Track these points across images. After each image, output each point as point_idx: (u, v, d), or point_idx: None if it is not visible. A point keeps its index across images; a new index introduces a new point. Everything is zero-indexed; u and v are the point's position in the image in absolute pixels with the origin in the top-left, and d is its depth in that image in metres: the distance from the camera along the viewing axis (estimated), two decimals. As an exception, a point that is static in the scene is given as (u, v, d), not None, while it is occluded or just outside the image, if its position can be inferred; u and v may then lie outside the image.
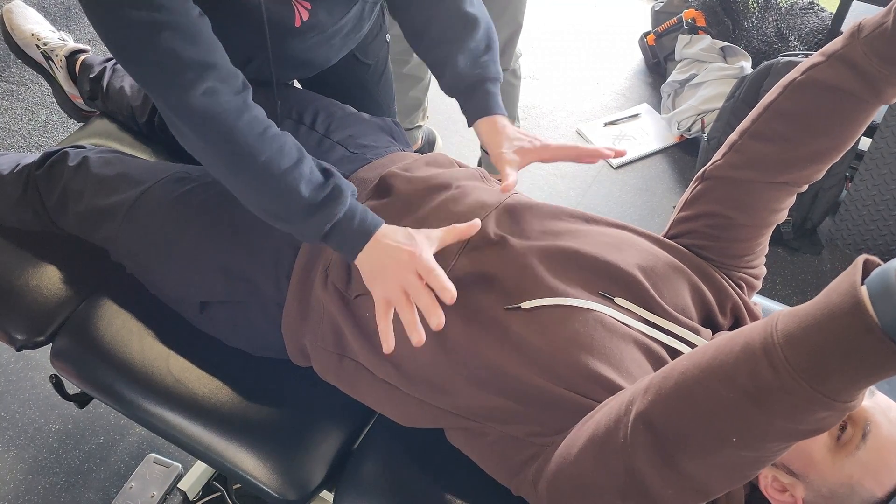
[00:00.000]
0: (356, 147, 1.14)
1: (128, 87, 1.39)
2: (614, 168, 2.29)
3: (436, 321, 0.84)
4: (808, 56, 0.92)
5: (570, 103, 2.50)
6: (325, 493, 1.10)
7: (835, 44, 0.86)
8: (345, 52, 1.21)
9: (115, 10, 0.77)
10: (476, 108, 1.05)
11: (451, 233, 0.91)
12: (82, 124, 1.46)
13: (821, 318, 0.54)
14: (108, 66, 1.46)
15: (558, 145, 1.01)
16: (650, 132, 2.40)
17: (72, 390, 1.24)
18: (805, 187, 0.95)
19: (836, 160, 0.92)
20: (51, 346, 1.18)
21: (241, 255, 1.03)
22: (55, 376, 1.22)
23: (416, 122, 2.06)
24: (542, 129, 2.41)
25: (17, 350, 1.18)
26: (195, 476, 1.54)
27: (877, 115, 1.93)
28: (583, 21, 2.85)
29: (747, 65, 2.27)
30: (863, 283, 0.52)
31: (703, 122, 2.24)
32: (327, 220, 0.90)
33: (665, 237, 1.02)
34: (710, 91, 2.24)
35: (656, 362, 0.86)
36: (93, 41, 2.46)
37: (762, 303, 1.20)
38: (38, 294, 1.19)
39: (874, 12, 0.83)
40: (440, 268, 0.86)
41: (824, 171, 0.94)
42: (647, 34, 2.60)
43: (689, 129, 2.28)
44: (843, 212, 2.02)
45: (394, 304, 0.86)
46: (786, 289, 2.00)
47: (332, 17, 1.06)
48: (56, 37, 1.58)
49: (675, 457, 0.66)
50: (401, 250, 0.88)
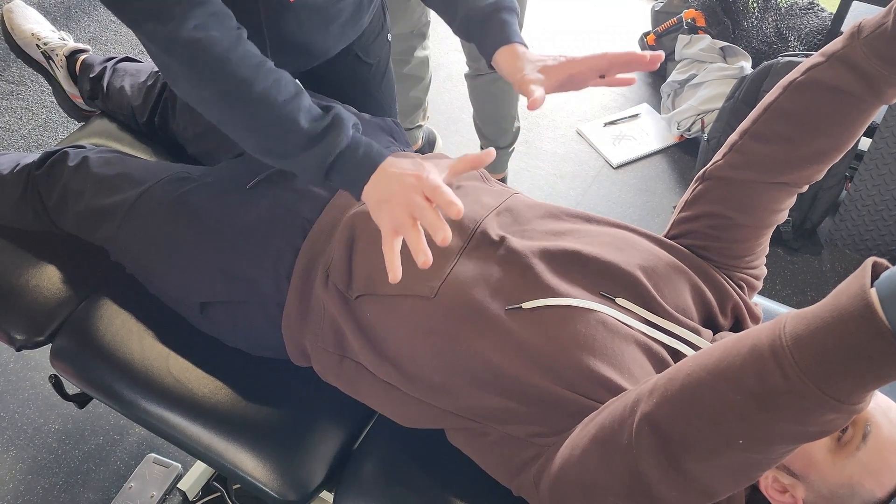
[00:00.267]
0: (356, 147, 1.13)
1: (128, 87, 1.39)
2: (614, 168, 2.29)
3: (441, 235, 0.77)
4: (807, 56, 0.92)
5: (569, 103, 2.50)
6: (326, 494, 1.10)
7: (835, 44, 0.86)
8: (344, 42, 1.19)
9: None
10: (494, 40, 0.98)
11: (462, 161, 0.86)
12: (82, 124, 1.46)
13: (830, 320, 0.54)
14: (108, 65, 1.46)
15: (585, 56, 0.92)
16: (650, 132, 2.40)
17: (71, 390, 1.24)
18: (805, 188, 0.95)
19: (836, 160, 0.92)
20: (50, 346, 1.18)
21: (241, 256, 1.03)
22: (55, 376, 1.22)
23: (417, 122, 2.06)
24: (542, 128, 2.41)
25: (17, 350, 1.18)
26: (195, 476, 1.54)
27: (877, 116, 1.93)
28: (583, 21, 2.85)
29: (747, 65, 2.27)
30: (872, 286, 0.52)
31: (702, 122, 2.24)
32: (329, 153, 0.86)
33: (665, 237, 1.02)
34: (710, 91, 2.24)
35: (658, 363, 0.86)
36: (93, 41, 2.46)
37: (762, 303, 1.20)
38: (38, 294, 1.19)
39: (874, 13, 0.83)
40: (446, 185, 0.80)
41: (824, 172, 0.94)
42: (647, 34, 2.60)
43: (688, 130, 2.28)
44: (842, 212, 2.02)
45: (402, 232, 0.80)
46: (786, 289, 2.00)
47: None
48: (56, 36, 1.59)
49: (680, 459, 0.66)
50: (406, 174, 0.82)
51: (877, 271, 0.54)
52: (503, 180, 2.12)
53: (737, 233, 0.97)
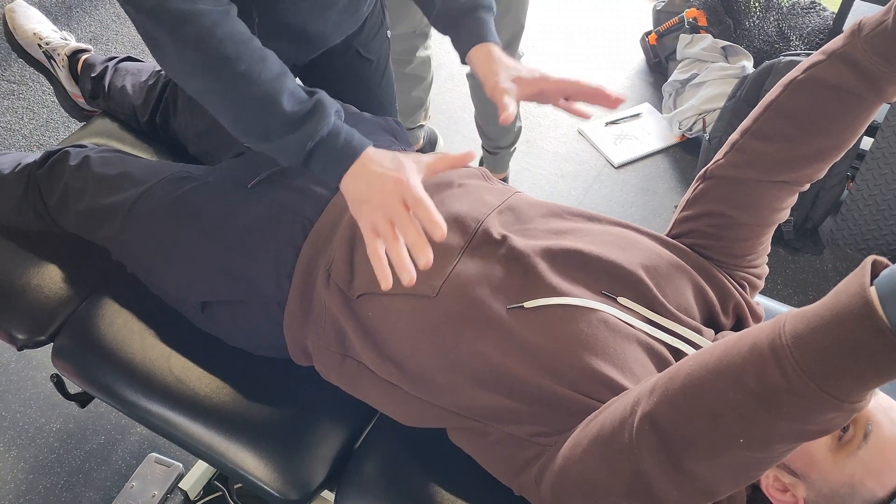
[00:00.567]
0: (358, 146, 1.13)
1: (129, 87, 1.39)
2: (616, 168, 2.29)
3: (423, 260, 0.77)
4: (809, 55, 0.92)
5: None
6: (327, 493, 1.10)
7: (835, 42, 0.85)
8: (343, 31, 1.19)
9: None
10: (469, 37, 0.99)
11: (442, 160, 0.87)
12: (83, 123, 1.46)
13: (830, 318, 0.54)
14: (109, 65, 1.46)
15: (558, 77, 0.97)
16: (651, 132, 2.40)
17: (73, 390, 1.24)
18: (807, 186, 0.95)
19: (837, 159, 0.92)
20: (52, 345, 1.18)
21: (242, 255, 1.03)
22: (56, 376, 1.22)
23: (418, 122, 2.06)
24: (543, 128, 2.41)
25: (19, 349, 1.18)
26: (196, 475, 1.54)
27: (878, 115, 1.93)
28: (584, 20, 2.85)
29: (749, 64, 2.26)
30: (872, 284, 0.52)
31: (704, 121, 2.24)
32: (309, 138, 0.85)
33: (667, 237, 1.02)
34: (712, 91, 2.24)
35: (659, 362, 0.86)
36: (94, 40, 2.47)
37: (764, 302, 1.20)
38: (40, 293, 1.19)
39: (876, 11, 0.83)
40: (429, 198, 0.80)
41: (826, 170, 0.94)
42: (648, 33, 2.60)
43: (690, 129, 2.28)
44: (844, 211, 2.02)
45: (382, 239, 0.81)
46: (787, 288, 2.00)
47: None
48: (58, 36, 1.59)
49: (681, 457, 0.66)
50: (386, 177, 0.83)
51: (876, 270, 0.54)
52: (505, 180, 2.12)
53: (738, 231, 0.97)
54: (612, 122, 2.41)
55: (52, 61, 1.55)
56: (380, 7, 1.27)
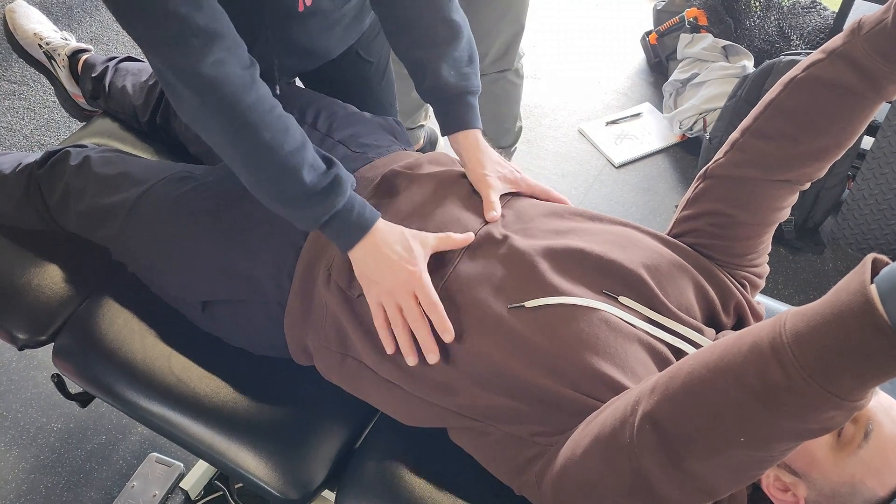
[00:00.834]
0: (358, 146, 1.14)
1: (130, 87, 1.39)
2: (616, 167, 2.29)
3: (433, 358, 0.88)
4: (810, 55, 0.92)
5: (571, 102, 2.50)
6: (328, 493, 1.10)
7: (835, 41, 0.85)
8: (346, 43, 1.20)
9: None
10: (457, 120, 1.06)
11: (445, 241, 0.93)
12: (84, 123, 1.46)
13: (830, 317, 0.54)
14: (110, 65, 1.46)
15: (533, 184, 1.08)
16: (652, 131, 2.39)
17: (74, 389, 1.24)
18: (807, 185, 0.95)
19: (837, 157, 0.92)
20: (53, 345, 1.18)
21: (243, 255, 1.03)
22: (57, 375, 1.22)
23: (419, 122, 2.06)
24: (544, 128, 2.41)
25: (19, 349, 1.18)
26: (197, 475, 1.54)
27: (879, 115, 1.93)
28: (585, 20, 2.85)
29: (749, 64, 2.26)
30: (872, 282, 0.52)
31: (704, 121, 2.24)
32: (326, 211, 0.89)
33: (668, 236, 1.02)
34: (712, 90, 2.24)
35: (661, 362, 0.86)
36: (95, 41, 2.47)
37: (765, 302, 1.19)
38: (40, 293, 1.19)
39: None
40: (440, 302, 0.88)
41: (826, 169, 0.94)
42: (648, 33, 2.60)
43: (690, 129, 2.28)
44: (845, 211, 2.02)
45: (388, 316, 0.90)
46: (788, 288, 2.00)
47: (335, 3, 1.06)
48: (58, 36, 1.59)
49: (681, 457, 0.66)
50: (399, 267, 0.89)
51: (877, 268, 0.54)
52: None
53: (739, 231, 0.97)
54: (613, 122, 2.41)
55: (53, 61, 1.55)
56: None
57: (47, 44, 1.56)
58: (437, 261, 0.94)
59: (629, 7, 2.91)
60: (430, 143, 2.18)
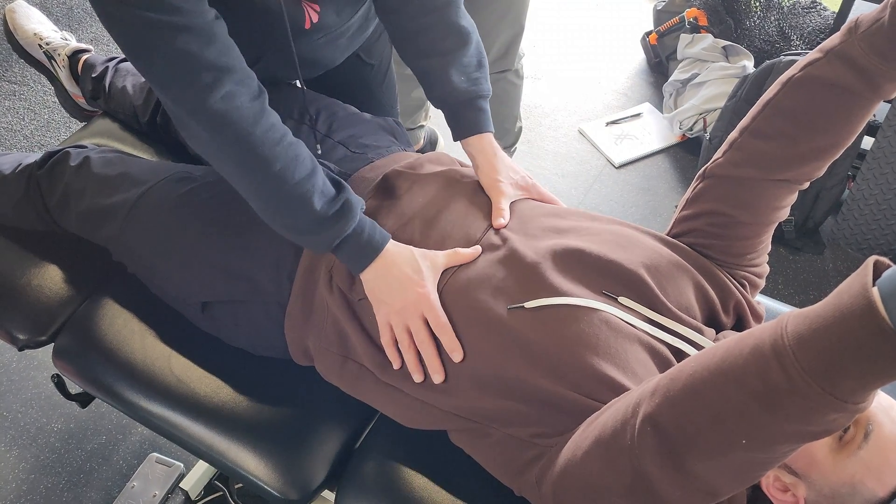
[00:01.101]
0: (358, 147, 1.14)
1: (130, 87, 1.39)
2: (616, 167, 2.29)
3: (439, 378, 0.89)
4: (809, 54, 0.92)
5: (571, 103, 2.50)
6: (327, 493, 1.10)
7: (832, 40, 0.85)
8: (350, 51, 1.21)
9: (130, 12, 0.75)
10: (469, 125, 1.06)
11: (454, 258, 0.94)
12: (84, 124, 1.46)
13: (832, 319, 0.54)
14: (110, 65, 1.46)
15: (543, 192, 1.09)
16: (652, 132, 2.39)
17: (74, 390, 1.24)
18: (806, 185, 0.95)
19: (836, 157, 0.92)
20: (53, 345, 1.18)
21: (242, 255, 1.03)
22: (57, 376, 1.22)
23: (419, 122, 2.06)
24: (544, 128, 2.41)
25: (20, 349, 1.18)
26: (197, 475, 1.54)
27: (879, 115, 1.94)
28: (585, 20, 2.84)
29: (749, 64, 2.26)
30: (874, 285, 0.52)
31: (705, 121, 2.24)
32: (337, 236, 0.90)
33: (668, 236, 1.02)
34: (712, 90, 2.24)
35: (661, 362, 0.86)
36: (95, 41, 2.47)
37: (765, 302, 1.20)
38: (40, 293, 1.19)
39: (874, 9, 0.83)
40: (449, 323, 0.89)
41: (825, 169, 0.93)
42: (649, 33, 2.60)
43: (691, 129, 2.28)
44: (845, 211, 2.02)
45: (396, 337, 0.91)
46: (788, 288, 2.00)
47: (341, 18, 1.06)
48: (59, 36, 1.59)
49: (683, 459, 0.66)
50: (409, 288, 0.90)
51: (878, 270, 0.53)
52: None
53: (738, 230, 0.97)
54: (613, 122, 2.41)
55: (53, 62, 1.55)
56: None
57: (47, 44, 1.56)
58: None
59: (629, 7, 2.91)
60: (431, 144, 2.18)
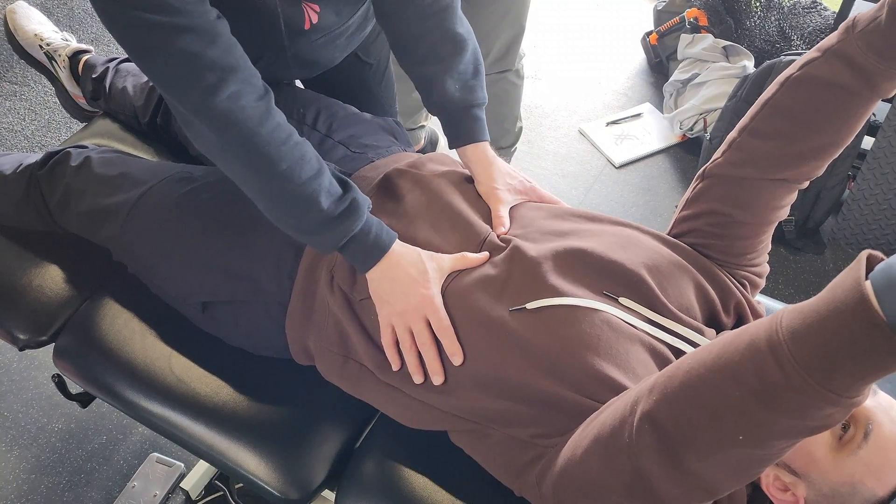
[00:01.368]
0: (358, 147, 1.14)
1: (130, 88, 1.39)
2: (616, 168, 2.29)
3: (439, 380, 0.90)
4: (808, 54, 0.92)
5: (572, 103, 2.50)
6: (328, 493, 1.10)
7: (830, 39, 0.85)
8: (349, 51, 1.21)
9: (133, 14, 0.75)
10: (464, 133, 1.06)
11: (461, 262, 0.94)
12: (85, 124, 1.47)
13: (826, 313, 0.54)
14: (110, 66, 1.46)
15: (542, 193, 1.09)
16: (652, 132, 2.40)
17: (74, 390, 1.24)
18: (806, 184, 0.95)
19: (835, 156, 0.92)
20: (53, 345, 1.18)
21: (243, 256, 1.03)
22: (57, 376, 1.22)
23: (419, 123, 2.06)
24: (545, 128, 2.41)
25: (20, 349, 1.18)
26: (197, 475, 1.54)
27: (880, 114, 1.94)
28: (585, 20, 2.85)
29: (750, 64, 2.26)
30: (867, 279, 0.52)
31: (705, 121, 2.24)
32: (344, 235, 0.90)
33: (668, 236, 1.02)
34: (713, 90, 2.24)
35: (662, 363, 0.86)
36: (96, 41, 2.47)
37: (765, 302, 1.20)
38: (41, 293, 1.19)
39: (873, 8, 0.83)
40: (451, 326, 0.89)
41: (824, 168, 0.93)
42: (649, 33, 2.60)
43: (691, 129, 2.28)
44: (845, 211, 2.02)
45: (398, 337, 0.91)
46: (788, 288, 2.00)
47: (341, 19, 1.07)
48: (59, 37, 1.59)
49: (681, 456, 0.66)
50: (413, 290, 0.90)
51: (871, 264, 0.54)
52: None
53: (738, 230, 0.97)
54: (614, 122, 2.41)
55: (54, 62, 1.55)
56: None
57: (48, 44, 1.56)
58: None
59: (629, 7, 2.91)
60: (431, 144, 2.18)
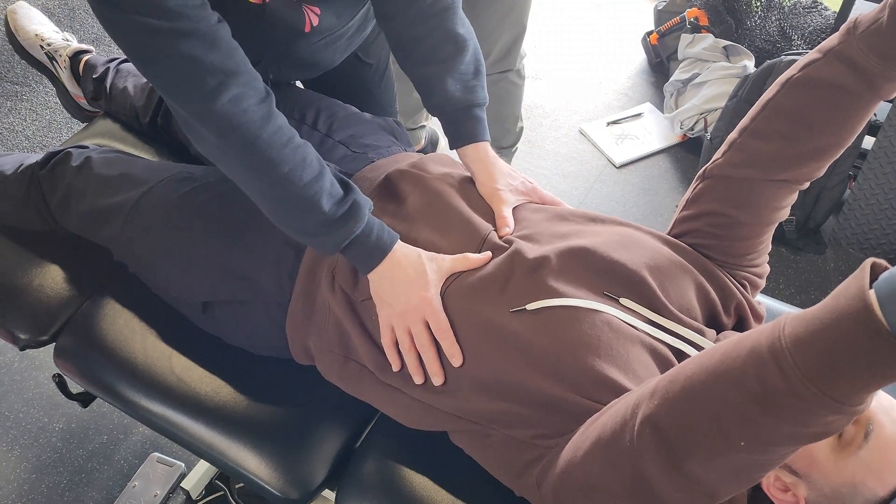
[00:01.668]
0: (358, 146, 1.14)
1: (131, 88, 1.40)
2: (617, 167, 2.29)
3: (438, 381, 0.90)
4: (809, 54, 0.92)
5: (572, 103, 2.50)
6: (328, 492, 1.10)
7: (831, 40, 0.85)
8: (349, 52, 1.21)
9: (133, 19, 0.75)
10: (465, 134, 1.06)
11: (462, 263, 0.93)
12: (85, 124, 1.47)
13: (829, 321, 0.54)
14: (111, 66, 1.46)
15: (544, 194, 1.09)
16: (653, 131, 2.39)
17: (75, 389, 1.24)
18: (806, 185, 0.95)
19: (835, 157, 0.92)
20: (54, 345, 1.18)
21: (243, 256, 1.03)
22: (58, 375, 1.22)
23: (420, 123, 2.06)
24: (545, 128, 2.41)
25: (21, 349, 1.19)
26: (198, 475, 1.54)
27: (880, 114, 1.93)
28: (586, 20, 2.85)
29: (750, 64, 2.26)
30: (871, 287, 0.52)
31: (705, 121, 2.24)
32: (346, 237, 0.90)
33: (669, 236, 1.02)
34: (713, 90, 2.24)
35: (662, 364, 0.86)
36: (97, 41, 2.47)
37: (766, 302, 1.19)
38: (42, 293, 1.19)
39: (874, 9, 0.83)
40: (450, 328, 0.89)
41: (824, 169, 0.93)
42: (649, 33, 2.60)
43: (691, 129, 2.28)
44: (846, 211, 2.02)
45: (398, 338, 0.92)
46: (789, 288, 2.00)
47: (341, 21, 1.07)
48: (60, 37, 1.59)
49: (682, 460, 0.66)
50: (412, 292, 0.90)
51: (876, 272, 0.53)
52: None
53: (738, 231, 0.96)
54: (614, 122, 2.41)
55: (55, 62, 1.55)
56: None
57: (49, 45, 1.56)
58: None
59: (629, 7, 2.91)
60: (432, 144, 2.18)
